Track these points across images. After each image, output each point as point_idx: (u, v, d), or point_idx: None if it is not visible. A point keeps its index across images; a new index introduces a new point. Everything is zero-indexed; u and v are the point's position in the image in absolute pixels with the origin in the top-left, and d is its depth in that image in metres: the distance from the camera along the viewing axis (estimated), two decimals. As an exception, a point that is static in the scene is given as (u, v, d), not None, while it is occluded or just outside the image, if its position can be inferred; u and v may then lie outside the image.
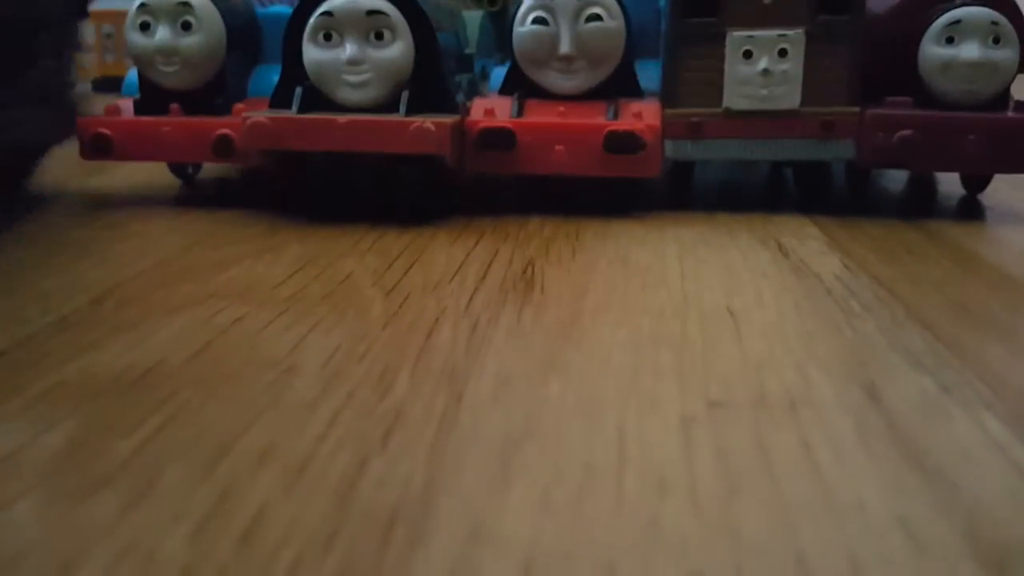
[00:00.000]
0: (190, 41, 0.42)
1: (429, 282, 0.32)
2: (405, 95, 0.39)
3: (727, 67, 0.41)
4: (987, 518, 0.17)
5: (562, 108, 0.42)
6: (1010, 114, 0.41)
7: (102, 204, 0.45)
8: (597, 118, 0.41)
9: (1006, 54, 0.40)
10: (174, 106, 0.43)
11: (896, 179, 0.52)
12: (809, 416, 0.21)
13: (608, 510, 0.17)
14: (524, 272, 0.33)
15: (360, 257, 0.35)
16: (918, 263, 0.34)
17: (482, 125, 0.41)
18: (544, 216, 0.41)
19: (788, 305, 0.29)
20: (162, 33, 0.42)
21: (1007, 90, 0.41)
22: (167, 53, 0.42)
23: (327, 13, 0.39)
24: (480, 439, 0.20)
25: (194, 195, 0.48)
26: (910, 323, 0.28)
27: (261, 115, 0.39)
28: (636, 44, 0.43)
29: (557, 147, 0.40)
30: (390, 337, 0.26)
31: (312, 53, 0.39)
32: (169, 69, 0.43)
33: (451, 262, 0.34)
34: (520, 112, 0.42)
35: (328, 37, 0.39)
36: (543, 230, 0.39)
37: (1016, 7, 0.41)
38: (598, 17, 0.41)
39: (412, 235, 0.38)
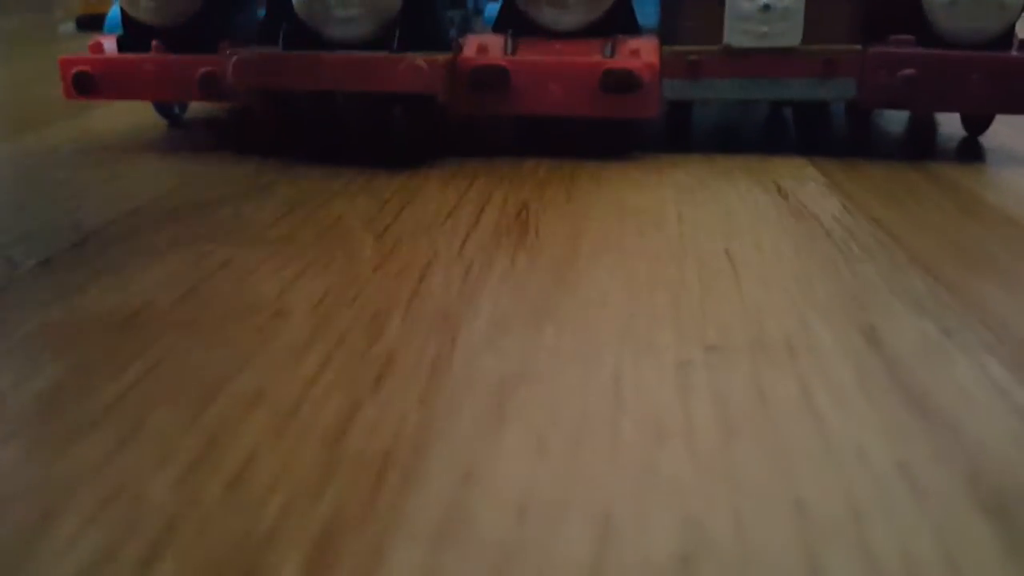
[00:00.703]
0: None
1: (421, 225, 0.31)
2: (395, 32, 0.38)
3: (727, 3, 0.40)
4: (988, 463, 0.17)
5: (557, 46, 0.41)
6: (1015, 53, 0.40)
7: (87, 144, 0.44)
8: (593, 56, 0.40)
9: (1012, -9, 0.39)
10: (155, 43, 0.41)
11: (896, 120, 0.51)
12: (808, 361, 0.21)
13: (604, 455, 0.17)
14: (518, 215, 0.32)
15: (351, 199, 0.34)
16: (919, 205, 0.34)
17: (475, 63, 0.40)
18: (539, 158, 0.41)
19: (787, 248, 0.29)
20: None
21: (1012, 28, 0.40)
22: None
23: None
24: (474, 383, 0.20)
25: (181, 135, 0.47)
26: (911, 266, 0.27)
27: (246, 52, 0.38)
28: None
29: (552, 86, 0.39)
30: (382, 280, 0.26)
31: None
32: (151, 4, 0.41)
33: (443, 205, 0.33)
34: (514, 50, 0.41)
35: None
36: (537, 172, 0.38)
37: (1023, -57, 0.40)
38: (595, -49, 0.40)
39: (404, 177, 0.37)
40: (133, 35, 0.42)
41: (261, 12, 0.41)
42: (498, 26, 0.42)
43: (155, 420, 0.18)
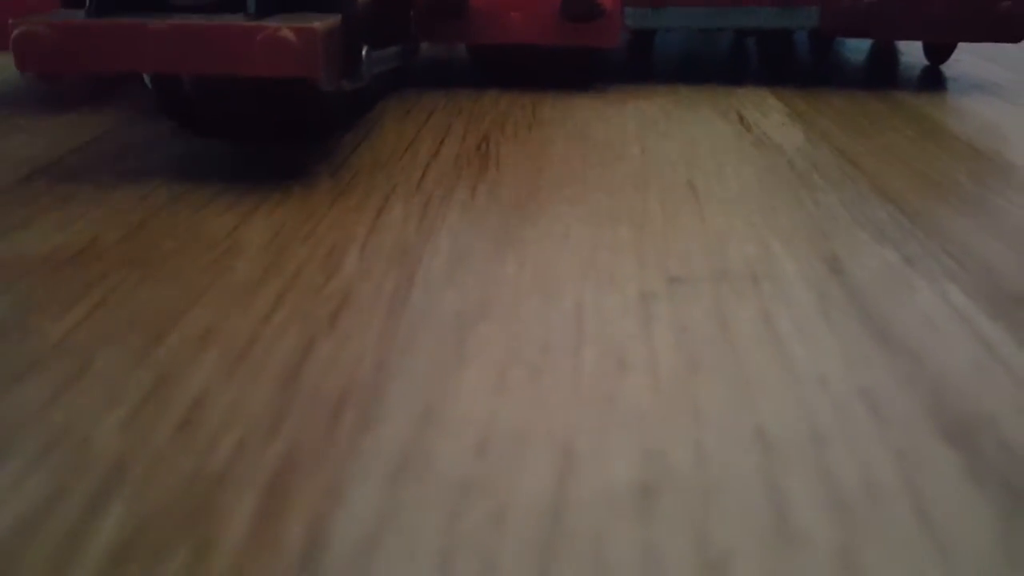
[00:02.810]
0: None
1: (379, 159, 0.30)
2: None
3: (690, -71, 0.39)
4: (950, 390, 0.17)
5: (517, -27, 0.40)
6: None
7: (32, 81, 0.42)
8: (554, -17, 0.39)
9: (977, -84, 0.39)
10: None
11: (858, 49, 0.51)
12: (770, 290, 0.21)
13: (565, 389, 0.17)
14: (478, 148, 0.31)
15: (304, 131, 0.33)
16: (881, 134, 0.34)
17: (432, -8, 0.38)
18: (499, 90, 0.40)
19: (750, 179, 0.28)
20: None
21: (976, -45, 0.40)
22: None
23: None
24: (433, 319, 0.19)
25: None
26: (873, 195, 0.27)
27: (36, 20, 0.27)
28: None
29: (512, 14, 0.39)
30: (337, 215, 0.25)
31: None
32: None
33: (401, 138, 0.33)
34: (472, -23, 0.39)
35: None
36: (498, 104, 0.38)
37: None
38: None
39: (359, 110, 0.36)
40: None
41: None
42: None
43: (102, 359, 0.17)
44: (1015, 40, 0.40)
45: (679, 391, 0.17)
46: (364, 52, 0.30)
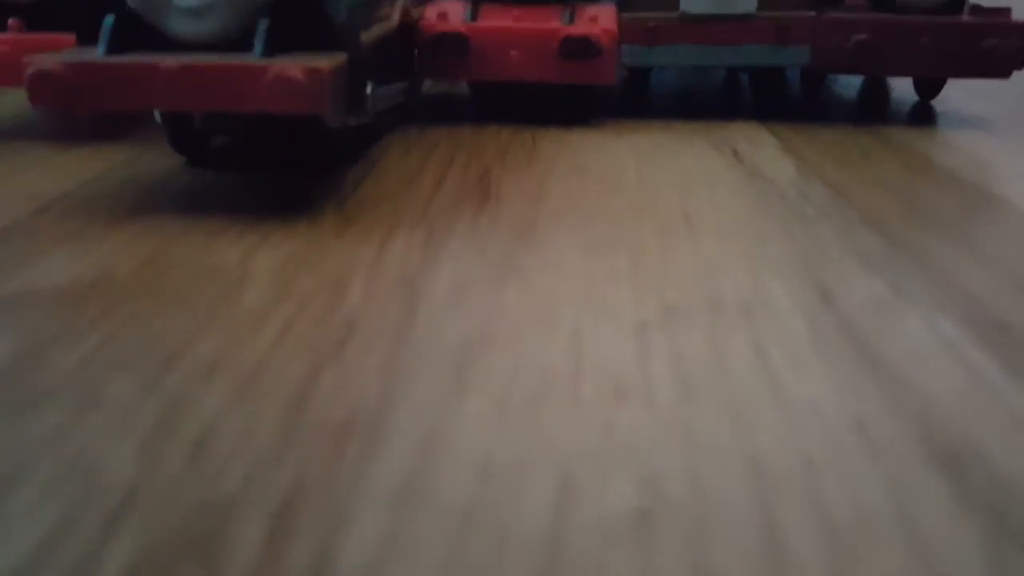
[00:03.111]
0: None
1: (383, 191, 0.31)
2: (263, 26, 0.28)
3: (683, -30, 0.40)
4: (939, 417, 0.17)
5: (517, 12, 0.40)
6: (965, 18, 0.41)
7: (45, 115, 0.43)
8: (552, 22, 0.40)
9: (964, -45, 0.40)
10: (13, 21, 0.37)
11: (850, 84, 0.52)
12: (763, 319, 0.21)
13: (564, 416, 0.17)
14: (480, 180, 0.32)
15: (312, 166, 0.34)
16: (871, 167, 0.34)
17: (435, 30, 0.39)
18: (500, 124, 0.41)
19: (742, 210, 0.29)
20: None
21: (963, -8, 0.41)
22: None
23: None
24: (435, 347, 0.20)
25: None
26: (863, 226, 0.28)
27: (50, 59, 0.27)
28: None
29: (512, 52, 0.39)
30: (343, 246, 0.26)
31: None
32: None
33: (405, 171, 0.33)
34: (474, 16, 0.40)
35: None
36: (499, 138, 0.38)
37: (975, -93, 0.41)
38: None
39: (364, 144, 0.37)
40: None
41: None
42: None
43: (114, 388, 0.18)
44: (1003, 76, 0.41)
45: (675, 419, 0.17)
46: (369, 89, 0.31)
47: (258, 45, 0.27)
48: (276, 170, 0.33)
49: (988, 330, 0.21)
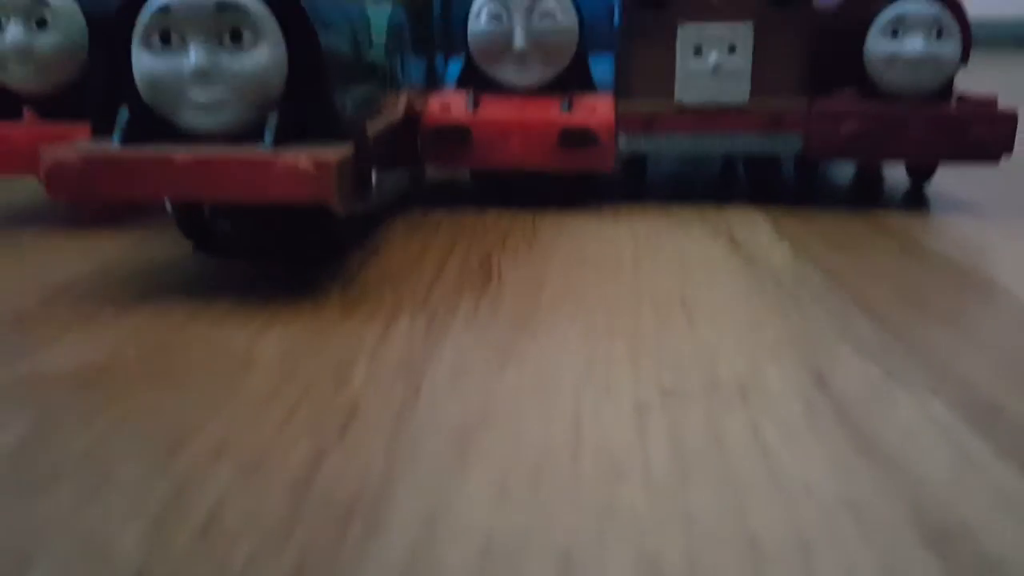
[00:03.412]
0: (45, 40, 0.38)
1: (387, 275, 0.32)
2: (273, 119, 0.28)
3: (678, 62, 0.42)
4: (931, 499, 0.18)
5: (517, 103, 0.42)
6: (953, 106, 0.42)
7: (56, 202, 0.44)
8: (552, 113, 0.41)
9: (949, 48, 0.41)
10: (28, 111, 0.39)
11: (844, 170, 0.53)
12: (759, 402, 0.22)
13: (564, 496, 0.18)
14: (481, 265, 0.33)
15: (317, 250, 0.35)
16: (865, 252, 0.35)
17: (438, 121, 0.41)
18: (501, 210, 0.42)
19: (738, 294, 0.30)
20: (14, 31, 0.37)
21: (950, 82, 0.42)
22: (20, 53, 0.38)
23: (163, 8, 0.28)
24: (438, 429, 0.20)
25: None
26: (857, 310, 0.28)
27: (66, 151, 0.28)
28: (589, 39, 0.44)
29: (512, 142, 0.41)
30: (347, 330, 0.26)
31: (144, 61, 0.29)
32: (23, 71, 0.38)
33: (408, 256, 0.34)
34: (476, 107, 0.42)
35: (166, 39, 0.29)
36: (500, 223, 0.39)
37: (958, 2, 0.42)
38: (551, 14, 0.41)
39: (368, 230, 0.38)
40: (4, 103, 0.39)
41: None
42: (460, 83, 0.44)
43: (124, 471, 0.18)
44: (992, 161, 0.42)
45: (673, 499, 0.18)
46: (374, 177, 0.32)
47: (268, 137, 0.28)
48: (282, 255, 0.34)
49: (980, 413, 0.21)
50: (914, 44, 0.41)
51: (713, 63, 0.42)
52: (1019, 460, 0.19)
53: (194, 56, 0.28)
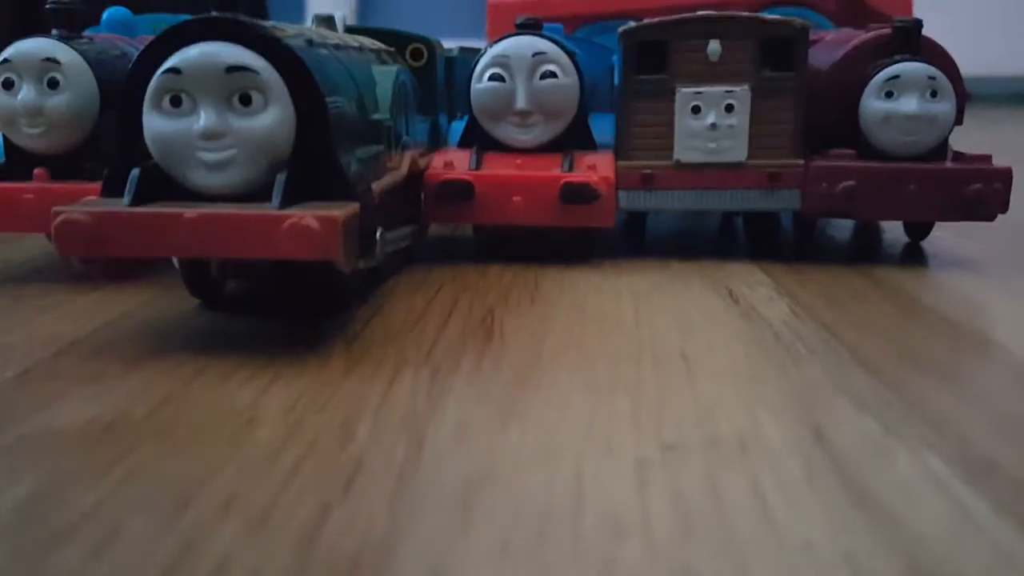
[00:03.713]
0: (57, 100, 0.38)
1: (390, 331, 0.32)
2: (281, 179, 0.29)
3: (677, 122, 0.43)
4: (929, 554, 0.18)
5: (519, 160, 0.43)
6: (948, 164, 0.43)
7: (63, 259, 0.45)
8: (553, 170, 0.42)
9: (943, 107, 0.42)
10: (39, 171, 0.39)
11: (842, 227, 0.53)
12: (759, 458, 0.22)
13: (566, 553, 0.18)
14: (484, 320, 0.33)
15: (322, 307, 0.35)
16: (863, 308, 0.36)
17: (441, 177, 0.42)
18: (503, 265, 0.42)
19: (738, 350, 0.30)
20: (26, 91, 0.38)
21: (945, 141, 0.43)
22: (31, 113, 0.38)
23: (173, 70, 0.29)
24: (440, 485, 0.21)
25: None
26: (855, 366, 0.29)
27: (77, 208, 0.29)
28: (590, 99, 0.45)
29: (514, 198, 0.41)
30: (351, 386, 0.27)
31: (155, 123, 0.29)
32: (34, 131, 0.38)
33: (411, 311, 0.35)
34: (478, 164, 0.43)
35: (176, 102, 0.29)
36: (502, 279, 0.40)
37: (952, 62, 0.43)
38: (552, 74, 0.42)
39: (372, 285, 0.39)
40: (15, 163, 0.39)
41: None
42: (463, 143, 0.44)
43: (132, 527, 0.19)
44: (988, 219, 0.42)
45: (674, 556, 0.18)
46: (379, 234, 0.33)
47: (276, 196, 0.29)
48: (288, 312, 0.35)
49: (977, 469, 0.22)
50: (909, 104, 0.42)
51: (711, 122, 0.42)
52: (1016, 516, 0.19)
53: (204, 117, 0.29)
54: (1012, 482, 0.21)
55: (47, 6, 0.40)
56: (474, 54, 0.45)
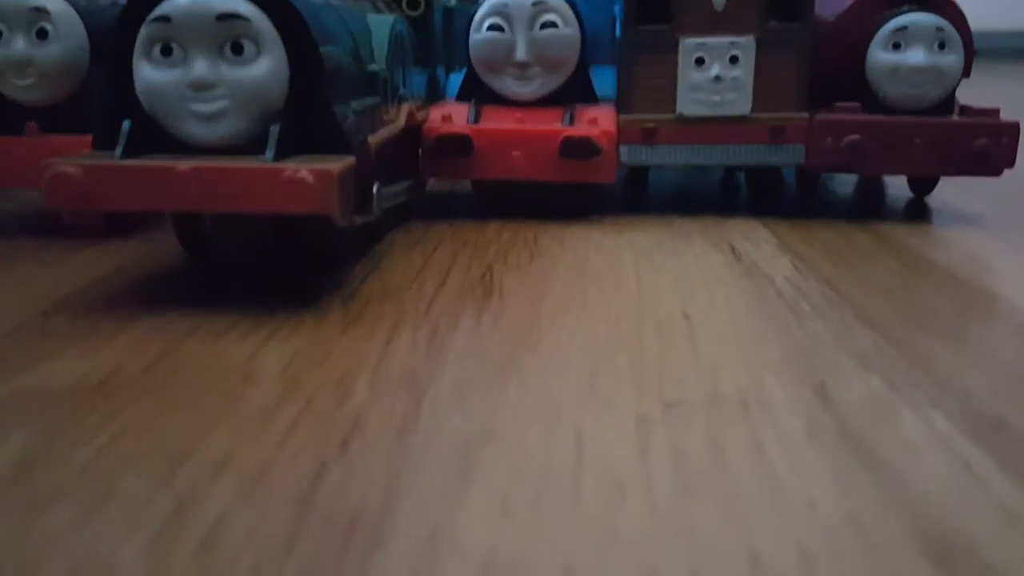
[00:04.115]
0: (47, 51, 0.37)
1: (388, 288, 0.32)
2: (275, 131, 0.28)
3: (680, 74, 0.42)
4: (934, 513, 0.18)
5: (518, 114, 0.42)
6: (955, 118, 0.42)
7: (54, 215, 0.44)
8: (553, 124, 0.41)
9: (951, 59, 0.41)
10: (30, 124, 0.38)
11: (846, 182, 0.53)
12: (761, 416, 0.22)
13: (566, 512, 0.18)
14: (483, 278, 0.33)
15: (318, 263, 0.35)
16: (867, 265, 0.35)
17: (439, 131, 0.41)
18: (502, 221, 0.42)
19: (740, 308, 0.30)
20: (15, 43, 0.37)
21: (952, 94, 0.42)
22: (21, 65, 0.37)
23: (163, 18, 0.28)
24: (439, 444, 0.20)
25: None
26: (859, 324, 0.28)
27: (68, 162, 0.28)
28: (591, 51, 0.44)
29: (514, 153, 0.41)
30: (348, 343, 0.26)
31: (145, 73, 0.29)
32: (24, 83, 0.38)
33: (410, 268, 0.34)
34: (477, 118, 0.42)
35: (167, 51, 0.28)
36: (501, 235, 0.39)
37: (961, 13, 0.42)
38: (553, 24, 0.41)
39: (369, 242, 0.38)
40: (5, 115, 0.38)
41: None
42: (461, 96, 0.44)
43: (125, 485, 0.18)
44: (994, 174, 0.42)
45: (675, 515, 0.17)
46: (375, 189, 0.32)
47: (270, 149, 0.28)
48: (283, 268, 0.34)
49: (982, 427, 0.21)
50: (916, 56, 0.41)
51: (714, 74, 0.42)
52: (1022, 473, 0.19)
53: (196, 67, 0.28)
54: (1018, 440, 0.21)
55: None
56: (472, 4, 0.44)
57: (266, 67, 0.29)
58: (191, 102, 0.28)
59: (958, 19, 0.42)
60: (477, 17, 0.42)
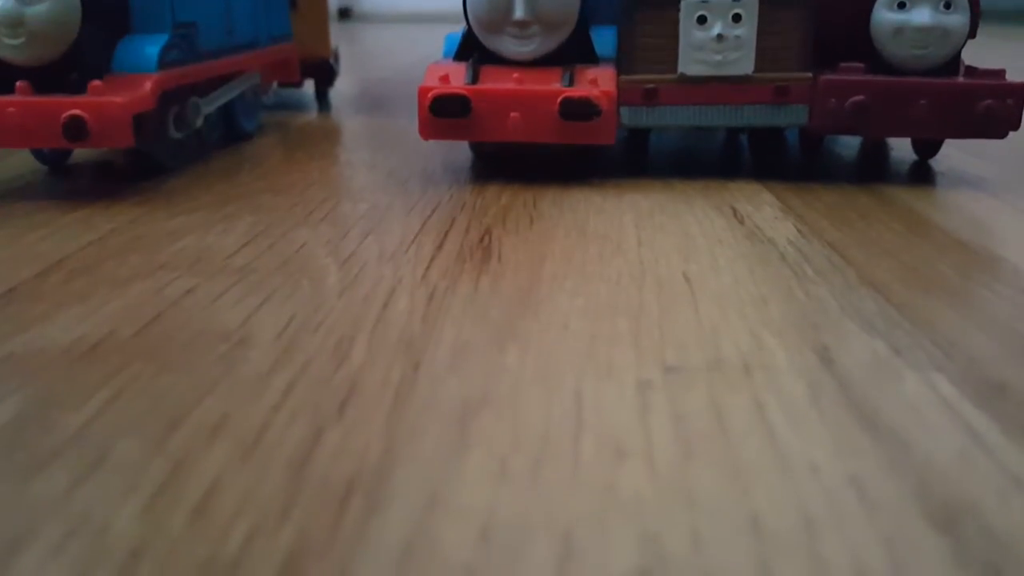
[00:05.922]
0: (37, 10, 0.37)
1: (385, 252, 0.31)
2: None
3: (681, 32, 0.41)
4: (937, 476, 0.17)
5: (517, 74, 0.41)
6: (960, 79, 0.41)
7: (50, 177, 0.44)
8: (552, 84, 0.41)
9: (957, 19, 0.41)
10: (21, 84, 0.38)
11: (849, 145, 0.52)
12: (763, 379, 0.21)
13: (565, 476, 0.17)
14: (481, 241, 0.33)
15: (314, 227, 0.34)
16: (870, 228, 0.35)
17: (436, 92, 0.40)
18: (501, 184, 0.41)
19: (743, 271, 0.29)
20: (6, 1, 0.37)
21: (958, 55, 0.42)
22: (11, 24, 0.37)
23: None
24: (437, 408, 0.20)
25: (142, 163, 0.47)
26: (862, 287, 0.28)
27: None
28: (591, 10, 0.43)
29: (512, 114, 0.40)
30: (346, 307, 0.26)
31: None
32: (14, 42, 0.37)
33: (407, 231, 0.34)
34: (475, 78, 0.41)
35: None
36: (500, 198, 0.39)
37: (967, -27, 0.41)
38: (553, -19, 0.41)
39: (367, 205, 0.38)
40: None
41: (147, 48, 0.39)
42: (459, 55, 0.43)
43: (119, 449, 0.18)
44: (999, 136, 0.41)
45: (675, 478, 0.17)
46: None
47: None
48: (280, 228, 0.34)
49: (985, 390, 0.21)
50: (921, 15, 0.40)
51: (717, 32, 0.41)
52: (1026, 439, 0.19)
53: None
54: (1022, 403, 0.20)
55: None
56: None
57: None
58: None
59: (965, -23, 0.41)
60: (476, -26, 0.41)
